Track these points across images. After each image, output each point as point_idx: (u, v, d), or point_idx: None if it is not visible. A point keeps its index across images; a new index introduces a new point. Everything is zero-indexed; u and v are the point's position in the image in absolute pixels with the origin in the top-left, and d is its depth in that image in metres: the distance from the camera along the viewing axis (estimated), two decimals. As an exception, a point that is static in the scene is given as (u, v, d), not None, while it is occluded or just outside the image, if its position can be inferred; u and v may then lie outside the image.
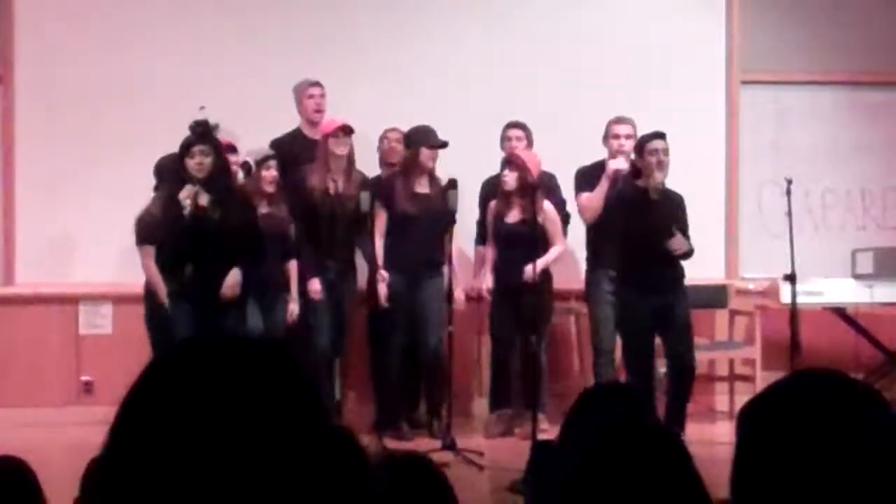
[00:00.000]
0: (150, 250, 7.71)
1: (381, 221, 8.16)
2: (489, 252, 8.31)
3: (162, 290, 7.58)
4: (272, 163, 7.92)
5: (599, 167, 8.34)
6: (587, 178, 8.38)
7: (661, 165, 7.48)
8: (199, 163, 7.32)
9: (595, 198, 8.26)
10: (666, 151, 7.50)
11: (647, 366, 7.42)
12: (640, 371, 7.37)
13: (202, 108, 7.70)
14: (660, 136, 7.57)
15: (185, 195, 7.27)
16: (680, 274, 7.54)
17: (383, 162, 8.61)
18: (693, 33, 9.34)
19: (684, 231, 7.51)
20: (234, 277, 7.39)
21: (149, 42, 8.87)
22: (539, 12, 9.19)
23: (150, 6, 8.91)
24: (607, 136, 8.36)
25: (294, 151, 8.25)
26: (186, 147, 7.36)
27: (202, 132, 7.42)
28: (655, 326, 7.47)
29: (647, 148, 7.54)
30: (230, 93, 8.65)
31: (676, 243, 7.36)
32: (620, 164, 8.13)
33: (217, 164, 7.39)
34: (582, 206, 8.39)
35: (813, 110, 9.52)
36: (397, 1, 9.16)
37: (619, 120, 8.36)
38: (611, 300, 8.22)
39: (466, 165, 8.40)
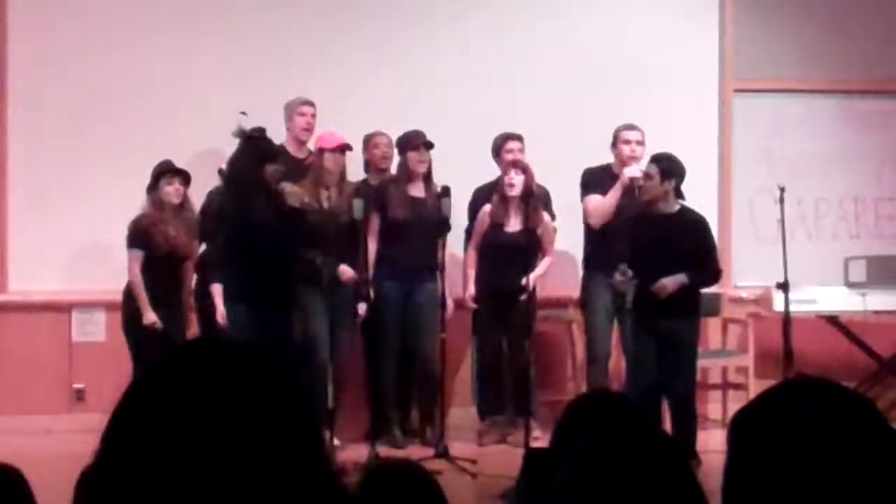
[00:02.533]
0: (139, 255, 7.73)
1: (374, 226, 8.16)
2: (472, 259, 8.30)
3: (144, 298, 7.67)
4: None
5: (607, 170, 8.33)
6: (596, 179, 8.34)
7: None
8: (278, 170, 7.51)
9: (607, 204, 8.22)
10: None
11: (647, 383, 7.34)
12: (641, 388, 7.31)
13: (244, 113, 7.77)
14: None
15: (294, 191, 7.38)
16: (687, 299, 7.34)
17: (372, 167, 8.58)
18: (686, 42, 9.35)
19: (702, 253, 7.42)
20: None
21: (142, 50, 8.86)
22: (533, 22, 9.20)
23: (143, 13, 8.91)
24: (616, 143, 8.34)
25: None
26: (265, 156, 7.42)
27: (266, 140, 7.55)
28: (659, 347, 7.39)
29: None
30: (223, 100, 8.64)
31: (659, 288, 7.30)
32: (635, 171, 8.05)
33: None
34: (591, 210, 8.33)
35: (806, 119, 9.53)
36: (392, 8, 9.17)
37: (630, 126, 8.34)
38: (608, 307, 8.22)
39: (461, 172, 8.41)
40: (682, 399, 7.39)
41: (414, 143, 8.21)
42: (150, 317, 7.63)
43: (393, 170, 8.48)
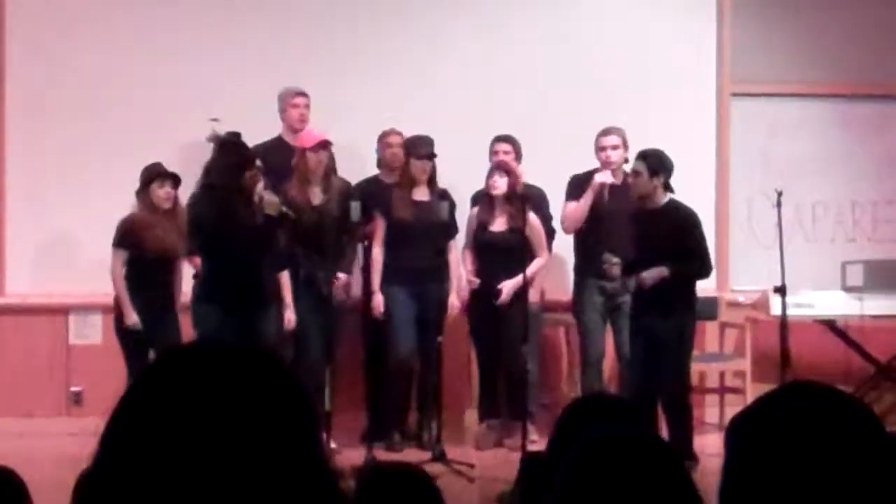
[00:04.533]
0: (123, 255, 7.73)
1: (379, 230, 8.16)
2: (468, 261, 8.31)
3: (126, 298, 7.65)
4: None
5: (589, 177, 8.37)
6: (578, 186, 8.40)
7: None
8: (257, 175, 7.49)
9: (578, 209, 8.30)
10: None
11: (641, 382, 7.33)
12: (634, 390, 7.31)
13: (215, 119, 7.75)
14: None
15: (272, 201, 7.39)
16: (671, 297, 7.30)
17: (384, 165, 8.58)
18: (684, 45, 9.35)
19: (691, 249, 7.40)
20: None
21: (139, 51, 8.87)
22: (531, 25, 9.21)
23: (141, 15, 8.91)
24: (596, 149, 8.40)
25: (275, 159, 8.22)
26: (243, 161, 7.39)
27: (243, 145, 7.55)
28: (651, 346, 7.39)
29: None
30: (219, 100, 8.63)
31: (640, 281, 7.32)
32: (606, 177, 8.21)
33: None
34: (563, 216, 8.43)
35: (803, 122, 9.53)
36: (391, 8, 9.17)
37: (606, 132, 8.39)
38: (599, 309, 8.24)
39: (458, 174, 8.42)
40: (671, 398, 7.37)
41: (418, 152, 8.20)
42: (132, 317, 7.62)
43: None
